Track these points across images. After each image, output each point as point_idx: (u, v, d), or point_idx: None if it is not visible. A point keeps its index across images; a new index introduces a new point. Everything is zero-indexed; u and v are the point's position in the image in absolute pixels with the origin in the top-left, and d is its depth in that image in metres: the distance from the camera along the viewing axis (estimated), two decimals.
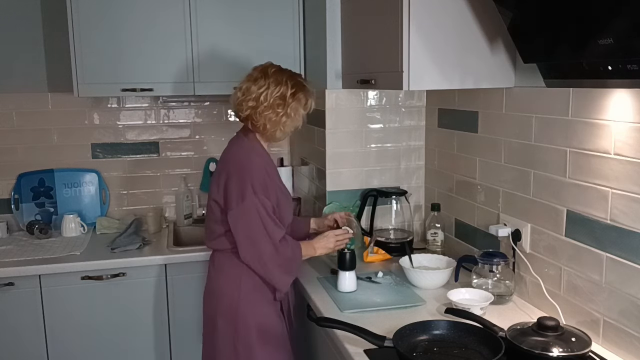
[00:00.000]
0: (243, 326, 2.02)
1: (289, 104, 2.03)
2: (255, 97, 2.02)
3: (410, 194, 2.67)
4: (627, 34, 1.22)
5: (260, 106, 2.01)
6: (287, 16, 2.85)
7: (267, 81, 2.03)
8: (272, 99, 2.01)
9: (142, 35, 2.70)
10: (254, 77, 2.06)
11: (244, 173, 1.98)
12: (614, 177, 1.56)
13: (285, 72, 2.08)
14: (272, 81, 2.03)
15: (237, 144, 2.11)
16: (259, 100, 2.01)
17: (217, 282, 2.10)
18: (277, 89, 2.02)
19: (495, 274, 1.98)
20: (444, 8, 1.89)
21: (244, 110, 2.05)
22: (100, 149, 3.12)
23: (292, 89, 2.03)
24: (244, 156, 2.03)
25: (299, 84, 2.07)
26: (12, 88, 2.94)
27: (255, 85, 2.03)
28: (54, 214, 3.02)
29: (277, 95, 2.02)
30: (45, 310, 2.52)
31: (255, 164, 2.01)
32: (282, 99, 2.02)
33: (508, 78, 1.98)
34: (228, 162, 2.06)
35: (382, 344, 1.58)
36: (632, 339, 1.54)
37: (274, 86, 2.02)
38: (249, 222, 1.95)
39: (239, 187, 1.96)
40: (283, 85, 2.03)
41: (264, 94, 2.01)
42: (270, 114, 2.02)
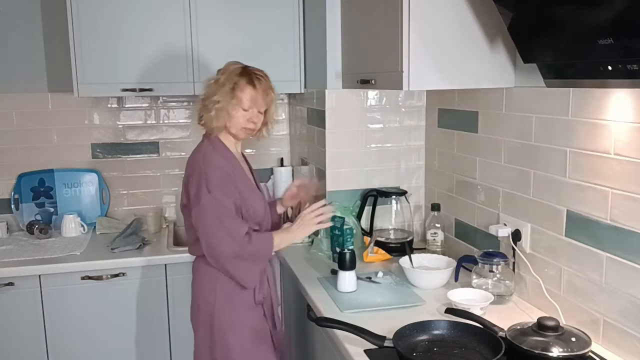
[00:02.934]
0: (219, 333, 2.01)
1: (219, 90, 2.03)
2: (204, 97, 2.08)
3: (410, 194, 2.67)
4: (627, 34, 1.22)
5: (201, 104, 2.09)
6: (287, 16, 2.85)
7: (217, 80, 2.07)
8: (207, 91, 2.06)
9: (142, 35, 2.70)
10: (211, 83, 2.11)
11: (198, 174, 1.97)
12: (614, 177, 1.56)
13: (237, 65, 2.08)
14: (222, 77, 2.06)
15: (198, 146, 2.12)
16: (209, 97, 2.05)
17: (195, 289, 2.12)
18: (213, 82, 2.06)
19: (495, 274, 1.98)
20: (444, 8, 1.89)
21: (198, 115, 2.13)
22: (100, 149, 3.12)
23: (222, 75, 2.05)
24: (200, 157, 2.02)
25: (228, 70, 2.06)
26: (12, 88, 2.94)
27: (208, 89, 2.09)
28: (54, 214, 3.02)
29: (210, 90, 2.05)
30: (45, 310, 2.52)
31: (209, 163, 1.99)
32: (216, 87, 2.03)
33: (508, 78, 1.98)
34: (187, 165, 2.08)
35: (382, 344, 1.58)
36: (632, 339, 1.54)
37: (214, 81, 2.06)
38: (206, 222, 1.94)
39: (195, 188, 1.96)
40: (223, 76, 2.04)
41: (207, 90, 2.07)
42: (206, 104, 2.05)
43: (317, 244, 2.61)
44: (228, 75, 2.03)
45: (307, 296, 2.11)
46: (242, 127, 2.06)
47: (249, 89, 2.03)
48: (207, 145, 2.06)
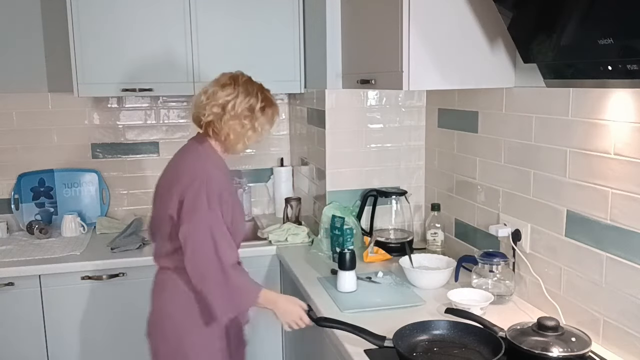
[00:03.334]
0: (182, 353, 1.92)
1: (257, 118, 1.93)
2: (222, 103, 1.90)
3: (410, 194, 2.67)
4: (627, 34, 1.22)
5: (226, 114, 1.89)
6: (287, 16, 2.85)
7: (237, 90, 1.92)
8: (240, 109, 1.90)
9: (142, 35, 2.70)
10: (221, 82, 1.95)
11: (199, 185, 1.83)
12: (614, 177, 1.56)
13: (255, 84, 1.98)
14: (242, 90, 1.92)
15: (192, 153, 1.96)
16: (226, 108, 1.89)
17: (159, 304, 1.98)
18: (247, 100, 1.91)
19: (495, 274, 1.98)
20: (444, 8, 1.88)
21: (206, 115, 1.91)
22: (100, 149, 3.12)
23: (261, 103, 1.94)
24: (200, 167, 1.90)
25: (268, 98, 1.97)
26: (12, 88, 2.94)
27: (224, 92, 1.91)
28: (54, 214, 3.02)
29: (246, 107, 1.91)
30: (45, 310, 2.52)
31: (212, 175, 1.87)
32: (250, 111, 1.92)
33: (508, 78, 1.98)
34: (183, 172, 1.91)
35: (382, 344, 1.58)
36: (632, 339, 1.54)
37: (243, 96, 1.92)
38: (199, 238, 1.81)
39: (192, 200, 1.81)
40: (253, 97, 1.93)
41: (231, 102, 1.90)
42: (235, 125, 1.90)
43: (317, 244, 2.61)
44: (267, 99, 1.97)
45: (307, 296, 2.11)
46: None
47: (273, 126, 2.04)
48: (205, 154, 1.95)
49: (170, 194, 1.88)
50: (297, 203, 2.95)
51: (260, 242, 2.77)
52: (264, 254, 2.71)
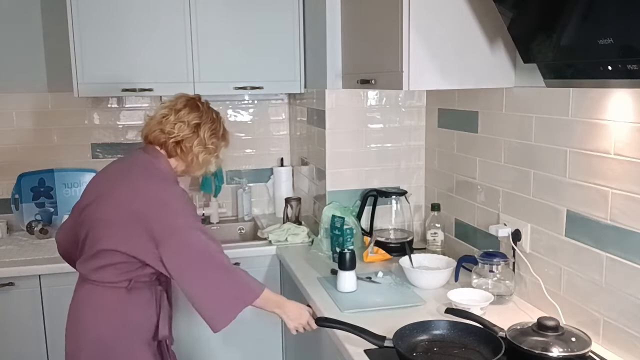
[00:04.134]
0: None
1: (219, 145, 1.96)
2: (194, 125, 1.88)
3: (410, 194, 2.67)
4: (627, 34, 1.22)
5: (198, 137, 1.89)
6: (287, 16, 2.85)
7: (207, 115, 1.92)
8: (209, 133, 1.91)
9: (142, 35, 2.70)
10: (190, 104, 1.92)
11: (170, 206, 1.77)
12: (614, 177, 1.56)
13: (213, 109, 1.98)
14: (208, 115, 1.92)
15: (145, 168, 1.87)
16: (198, 131, 1.88)
17: (80, 318, 1.86)
18: (213, 126, 1.92)
19: (495, 274, 1.98)
20: (444, 8, 1.89)
21: (175, 134, 1.86)
22: (100, 149, 3.12)
23: (222, 129, 1.97)
24: (161, 184, 1.83)
25: (222, 124, 2.00)
26: (12, 88, 2.94)
27: (192, 114, 1.89)
28: (54, 214, 3.02)
29: (213, 132, 1.92)
30: (45, 310, 2.52)
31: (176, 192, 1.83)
32: (215, 137, 1.93)
33: (508, 78, 1.98)
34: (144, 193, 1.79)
35: (382, 344, 1.58)
36: (632, 339, 1.54)
37: (210, 121, 1.92)
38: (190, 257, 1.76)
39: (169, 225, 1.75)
40: (217, 122, 1.94)
41: (202, 126, 1.89)
42: (201, 151, 1.90)
43: (317, 244, 2.61)
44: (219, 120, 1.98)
45: (307, 296, 2.11)
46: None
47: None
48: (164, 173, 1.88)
49: (123, 211, 1.77)
50: (297, 203, 2.95)
51: (260, 242, 2.77)
52: (264, 254, 2.71)
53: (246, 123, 3.27)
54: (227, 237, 3.06)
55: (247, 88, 2.86)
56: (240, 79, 2.84)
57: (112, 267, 1.81)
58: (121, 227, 1.77)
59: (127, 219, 1.77)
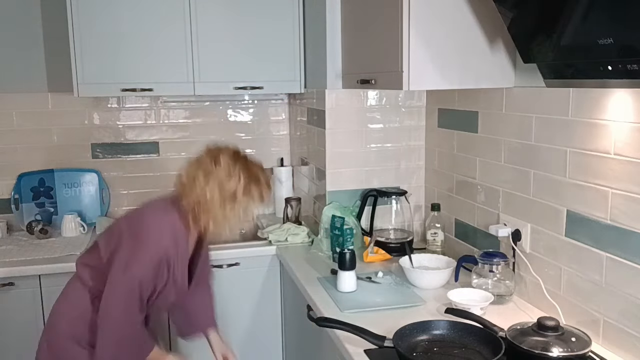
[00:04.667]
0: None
1: (240, 201, 1.81)
2: (203, 190, 1.78)
3: (410, 194, 2.67)
4: (627, 34, 1.22)
5: (207, 203, 1.78)
6: (288, 16, 2.85)
7: (219, 174, 1.80)
8: (220, 196, 1.79)
9: (142, 35, 2.70)
10: (204, 168, 1.82)
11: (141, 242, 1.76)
12: (614, 177, 1.56)
13: (239, 162, 1.84)
14: (224, 174, 1.80)
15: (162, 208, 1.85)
16: (206, 197, 1.78)
17: (57, 305, 1.95)
18: (228, 185, 1.79)
19: (495, 274, 1.98)
20: (444, 8, 1.88)
21: (188, 197, 1.80)
22: (100, 149, 3.12)
23: (244, 184, 1.81)
24: (156, 226, 1.81)
25: (253, 175, 1.84)
26: (12, 88, 2.94)
27: (205, 178, 1.79)
28: (54, 214, 3.02)
29: (228, 193, 1.79)
30: (45, 310, 2.51)
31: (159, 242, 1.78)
32: (232, 197, 1.80)
33: (508, 78, 1.98)
34: (135, 219, 1.85)
35: (382, 344, 1.58)
36: (632, 339, 1.54)
37: (227, 180, 1.80)
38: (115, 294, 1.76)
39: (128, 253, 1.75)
40: (235, 180, 1.80)
41: (210, 188, 1.78)
42: (216, 212, 1.80)
43: (317, 244, 2.61)
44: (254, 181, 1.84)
45: (307, 296, 2.11)
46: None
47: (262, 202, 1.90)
48: (167, 217, 1.82)
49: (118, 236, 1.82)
50: (297, 203, 2.95)
51: (260, 242, 2.77)
52: (264, 254, 2.71)
53: (246, 123, 3.27)
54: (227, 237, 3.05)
55: (247, 88, 2.86)
56: (240, 79, 2.84)
57: (90, 268, 1.90)
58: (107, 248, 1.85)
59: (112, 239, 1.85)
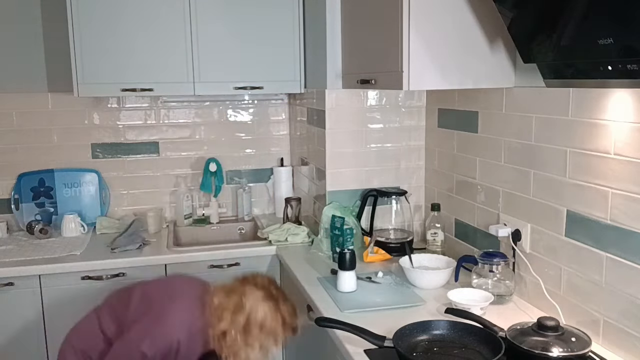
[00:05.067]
0: None
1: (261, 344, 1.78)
2: (223, 328, 1.75)
3: (410, 194, 2.67)
4: (627, 34, 1.22)
5: (227, 337, 1.75)
6: (288, 16, 2.85)
7: (244, 307, 1.76)
8: (237, 341, 1.74)
9: (142, 35, 2.70)
10: (235, 303, 1.78)
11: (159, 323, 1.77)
12: (614, 177, 1.56)
13: (271, 299, 1.80)
14: (251, 306, 1.76)
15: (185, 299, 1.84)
16: (228, 332, 1.75)
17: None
18: (255, 316, 1.76)
19: (495, 274, 1.98)
20: (444, 8, 1.89)
21: (214, 326, 1.78)
22: (100, 149, 3.12)
23: (274, 315, 1.78)
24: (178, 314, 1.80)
25: (286, 305, 1.83)
26: (12, 88, 2.94)
27: (228, 314, 1.76)
28: (54, 214, 3.02)
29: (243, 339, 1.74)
30: (45, 310, 2.52)
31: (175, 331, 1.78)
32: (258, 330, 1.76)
33: (508, 78, 1.98)
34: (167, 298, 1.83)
35: (382, 344, 1.58)
36: (632, 339, 1.54)
37: (253, 312, 1.77)
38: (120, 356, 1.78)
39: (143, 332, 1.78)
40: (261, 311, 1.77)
41: (235, 322, 1.75)
42: (236, 348, 1.75)
43: (317, 244, 2.61)
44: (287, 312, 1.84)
45: (307, 296, 2.11)
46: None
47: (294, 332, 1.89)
48: (191, 316, 1.81)
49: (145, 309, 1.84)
50: (297, 203, 2.95)
51: (260, 242, 2.77)
52: (264, 254, 2.71)
53: (246, 123, 3.27)
54: (227, 237, 3.06)
55: (247, 88, 2.86)
56: (240, 79, 2.84)
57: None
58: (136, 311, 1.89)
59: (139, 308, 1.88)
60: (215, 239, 2.97)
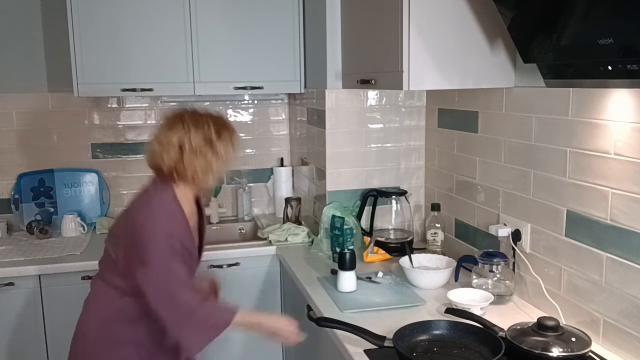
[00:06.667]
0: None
1: (216, 145, 1.85)
2: (177, 144, 1.81)
3: (410, 194, 2.67)
4: (627, 34, 1.22)
5: (185, 154, 1.81)
6: (287, 16, 2.85)
7: (186, 126, 1.83)
8: (196, 143, 1.82)
9: (142, 35, 2.70)
10: (169, 124, 1.85)
11: (146, 234, 1.77)
12: (614, 177, 1.56)
13: (202, 113, 1.90)
14: (191, 125, 1.83)
15: (145, 199, 1.87)
16: (183, 148, 1.81)
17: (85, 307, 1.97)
18: (200, 132, 1.83)
19: (495, 274, 1.98)
20: (444, 8, 1.89)
21: (166, 161, 1.82)
22: (100, 149, 3.12)
23: (215, 129, 1.86)
24: (148, 212, 1.81)
25: (220, 123, 1.89)
26: (12, 88, 2.94)
27: (174, 133, 1.82)
28: (54, 214, 3.02)
29: (202, 138, 1.83)
30: (45, 310, 2.52)
31: (159, 223, 1.79)
32: (207, 142, 1.84)
33: (508, 78, 1.98)
34: (132, 219, 1.84)
35: (382, 344, 1.58)
36: (632, 339, 1.54)
37: (194, 129, 1.83)
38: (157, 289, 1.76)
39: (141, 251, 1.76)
40: (204, 126, 1.85)
41: (185, 139, 1.81)
42: (198, 160, 1.82)
43: (317, 244, 2.61)
44: (219, 123, 1.89)
45: (307, 296, 2.11)
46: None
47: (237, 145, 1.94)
48: (158, 201, 1.85)
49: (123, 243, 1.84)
50: (297, 203, 2.95)
51: (260, 242, 2.77)
52: (264, 254, 2.71)
53: (246, 123, 3.27)
54: (227, 237, 3.06)
55: (247, 88, 2.86)
56: (240, 79, 2.84)
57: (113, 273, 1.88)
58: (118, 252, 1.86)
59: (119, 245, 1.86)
60: (215, 239, 2.97)
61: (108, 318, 1.88)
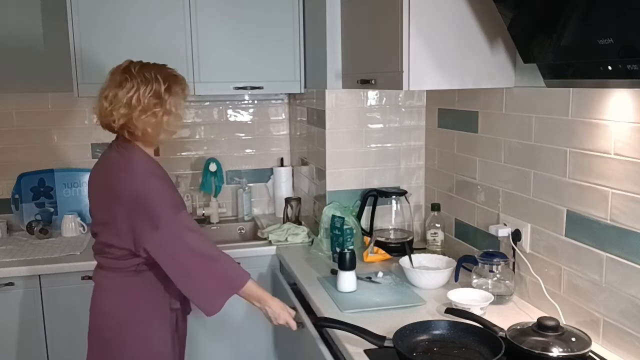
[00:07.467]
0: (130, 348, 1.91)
1: (167, 100, 1.82)
2: (126, 102, 1.78)
3: (410, 194, 2.67)
4: (627, 34, 1.22)
5: (134, 111, 1.78)
6: (287, 16, 2.85)
7: (134, 81, 1.79)
8: (146, 99, 1.79)
9: (142, 35, 2.70)
10: (117, 80, 1.82)
11: (146, 200, 1.76)
12: (614, 177, 1.56)
13: (151, 67, 1.86)
14: (140, 80, 1.80)
15: (117, 165, 1.86)
16: (132, 105, 1.78)
17: (97, 298, 1.95)
18: (149, 88, 1.80)
19: (495, 274, 1.98)
20: (444, 8, 1.89)
21: (116, 120, 1.80)
22: (100, 149, 3.11)
23: (164, 83, 1.82)
24: (134, 179, 1.80)
25: (169, 75, 1.86)
26: (12, 88, 2.94)
27: (123, 89, 1.79)
28: (54, 214, 3.02)
29: (151, 95, 1.79)
30: (45, 310, 2.52)
31: (151, 185, 1.80)
32: (157, 97, 1.80)
33: (508, 78, 1.98)
34: (121, 188, 1.80)
35: (382, 344, 1.58)
36: (632, 339, 1.54)
37: (144, 85, 1.80)
38: (173, 250, 1.77)
39: (148, 218, 1.76)
40: (153, 82, 1.81)
41: (134, 96, 1.78)
42: (148, 117, 1.80)
43: (317, 244, 2.61)
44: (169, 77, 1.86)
45: (307, 296, 2.11)
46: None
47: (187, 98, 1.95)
48: (131, 164, 1.84)
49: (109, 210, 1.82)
50: (297, 203, 2.95)
51: (260, 242, 2.77)
52: (264, 254, 2.71)
53: (246, 123, 3.27)
54: (227, 237, 3.06)
55: (247, 88, 2.86)
56: (240, 79, 2.84)
57: (115, 259, 1.88)
58: (112, 226, 1.83)
59: (114, 218, 1.82)
60: (215, 239, 2.97)
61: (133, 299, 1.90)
